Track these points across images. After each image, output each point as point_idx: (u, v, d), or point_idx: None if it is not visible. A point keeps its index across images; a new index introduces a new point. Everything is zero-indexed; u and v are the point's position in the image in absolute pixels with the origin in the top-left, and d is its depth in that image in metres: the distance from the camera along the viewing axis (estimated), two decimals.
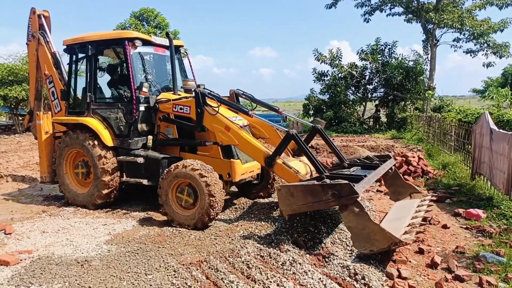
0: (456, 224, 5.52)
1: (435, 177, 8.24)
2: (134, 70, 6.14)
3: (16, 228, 5.43)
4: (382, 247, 3.87)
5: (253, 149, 5.28)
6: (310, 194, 4.21)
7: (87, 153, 6.25)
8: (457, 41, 22.53)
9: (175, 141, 6.17)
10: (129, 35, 6.27)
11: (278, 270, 3.84)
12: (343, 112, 21.83)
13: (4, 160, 11.79)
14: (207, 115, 5.64)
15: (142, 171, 6.02)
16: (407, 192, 5.81)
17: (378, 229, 3.92)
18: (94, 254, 4.44)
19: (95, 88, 6.53)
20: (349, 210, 4.04)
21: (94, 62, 6.48)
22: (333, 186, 4.09)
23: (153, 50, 6.75)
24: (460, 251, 4.46)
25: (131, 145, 6.10)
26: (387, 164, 5.56)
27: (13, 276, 3.90)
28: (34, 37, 7.62)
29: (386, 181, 5.98)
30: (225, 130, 5.48)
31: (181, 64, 7.31)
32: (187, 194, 5.29)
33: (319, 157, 11.66)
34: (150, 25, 25.35)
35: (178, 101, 6.05)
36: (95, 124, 6.24)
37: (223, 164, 5.65)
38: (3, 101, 20.92)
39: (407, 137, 16.73)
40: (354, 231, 4.06)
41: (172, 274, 3.81)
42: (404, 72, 20.96)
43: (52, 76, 7.37)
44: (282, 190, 4.37)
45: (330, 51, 22.50)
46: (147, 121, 6.23)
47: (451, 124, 10.84)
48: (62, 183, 6.68)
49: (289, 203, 4.33)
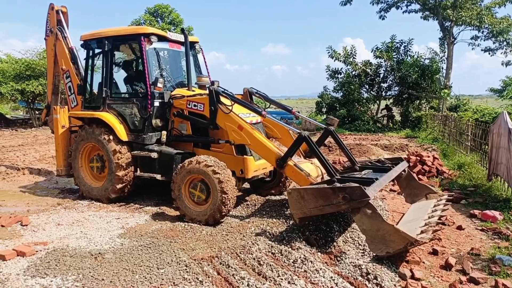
0: (472, 225, 5.42)
1: (450, 177, 8.10)
2: (149, 65, 6.18)
3: (32, 220, 5.54)
4: (398, 248, 3.81)
5: (265, 149, 5.26)
6: (321, 197, 4.19)
7: (102, 147, 6.31)
8: (475, 39, 22.13)
9: (188, 137, 6.20)
10: (145, 30, 6.31)
11: (289, 268, 3.83)
12: (357, 110, 21.63)
13: (21, 153, 12.05)
14: (221, 113, 5.64)
15: (155, 166, 6.05)
16: (423, 193, 5.67)
17: (393, 229, 3.85)
18: (107, 247, 4.50)
19: (111, 83, 6.58)
20: (361, 213, 4.00)
21: (110, 58, 6.53)
22: (344, 189, 4.05)
23: (168, 46, 6.77)
24: (476, 253, 4.37)
25: (145, 140, 6.15)
26: (399, 167, 5.49)
27: (29, 267, 3.98)
28: (52, 32, 7.71)
29: (401, 183, 5.84)
30: (238, 129, 5.47)
31: (196, 60, 7.32)
32: (199, 190, 5.31)
33: (332, 156, 11.59)
34: (165, 22, 25.49)
35: (192, 97, 6.06)
36: (110, 119, 6.29)
37: (236, 160, 5.66)
38: (20, 95, 21.37)
39: (422, 136, 16.49)
40: (368, 234, 4.00)
41: (183, 269, 3.83)
42: (420, 71, 20.64)
43: (69, 71, 7.46)
44: (293, 193, 4.35)
45: (344, 48, 22.30)
46: (161, 116, 6.27)
47: (468, 123, 10.63)
48: (77, 177, 6.78)
49: (300, 207, 4.31)
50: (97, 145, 6.42)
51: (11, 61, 21.51)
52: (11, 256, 4.20)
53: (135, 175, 6.29)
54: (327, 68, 22.94)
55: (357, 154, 11.66)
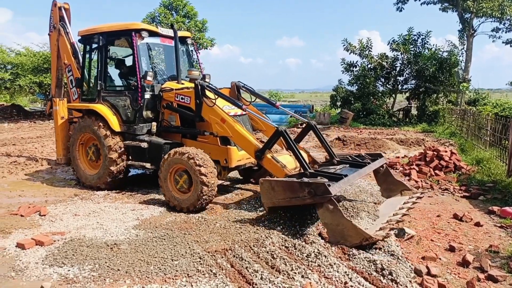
0: (490, 222, 5.30)
1: (468, 173, 7.93)
2: (140, 59, 6.42)
3: (50, 210, 5.66)
4: (354, 242, 4.08)
5: (245, 141, 5.55)
6: (289, 190, 4.48)
7: (97, 137, 6.66)
8: (496, 31, 21.49)
9: (177, 128, 6.51)
10: (136, 26, 6.51)
11: (303, 262, 3.82)
12: (372, 104, 21.32)
13: (39, 144, 12.30)
14: (205, 106, 5.92)
15: (146, 155, 6.38)
16: (398, 189, 5.82)
17: (351, 225, 4.13)
18: (123, 238, 4.56)
19: (106, 77, 6.92)
20: (324, 208, 4.26)
21: (105, 52, 6.84)
22: (309, 185, 4.32)
23: (160, 41, 7.02)
24: (494, 251, 4.28)
25: (136, 131, 6.46)
26: (376, 163, 5.67)
27: (47, 256, 4.07)
28: (55, 28, 8.05)
29: (378, 178, 6.01)
30: (220, 122, 5.76)
31: (189, 54, 7.60)
32: (183, 179, 5.61)
33: (346, 149, 11.49)
34: (179, 14, 25.49)
35: (180, 91, 6.34)
36: (104, 111, 6.60)
37: (220, 150, 5.96)
38: (38, 88, 21.77)
39: (439, 131, 16.17)
40: (329, 227, 4.29)
41: (197, 260, 3.86)
42: (438, 64, 20.17)
43: (71, 65, 7.81)
44: (265, 184, 4.65)
45: (360, 41, 21.92)
46: (152, 108, 6.58)
47: (487, 118, 10.37)
48: (75, 165, 7.17)
49: (270, 197, 4.63)
50: (93, 135, 6.77)
51: (29, 54, 21.89)
52: (30, 245, 4.31)
53: (127, 164, 6.61)
54: (342, 61, 22.63)
55: (372, 148, 11.52)
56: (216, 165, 5.76)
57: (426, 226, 5.05)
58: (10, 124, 19.90)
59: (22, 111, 23.98)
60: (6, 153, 10.41)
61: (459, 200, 6.38)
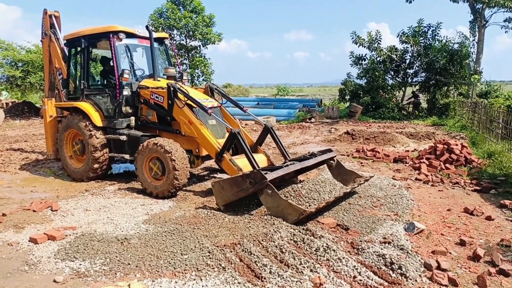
0: (502, 216, 5.23)
1: (479, 166, 7.82)
2: (118, 59, 6.91)
3: (62, 206, 5.75)
4: (294, 219, 4.53)
5: (208, 143, 6.08)
6: (235, 185, 5.03)
7: (81, 133, 7.15)
8: (509, 21, 20.99)
9: (153, 124, 7.00)
10: (113, 28, 6.95)
11: (312, 256, 3.82)
12: (381, 97, 21.09)
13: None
14: (176, 107, 6.39)
15: (125, 147, 6.93)
16: (352, 178, 6.12)
17: (287, 204, 4.62)
18: (133, 232, 4.61)
19: (88, 77, 7.45)
20: (264, 194, 4.80)
21: (87, 54, 7.35)
22: (249, 175, 4.89)
23: (137, 41, 7.43)
24: (506, 245, 4.22)
25: (116, 125, 6.96)
26: (323, 156, 6.06)
27: (59, 250, 4.14)
28: (47, 34, 8.47)
29: (332, 172, 6.33)
30: (188, 123, 6.26)
31: (167, 54, 8.05)
32: (156, 166, 6.13)
33: (355, 144, 11.42)
34: (186, 9, 25.43)
35: (155, 89, 6.78)
36: (87, 107, 7.14)
37: (192, 141, 6.45)
38: None
39: (450, 124, 15.95)
40: (272, 210, 4.77)
41: (207, 255, 3.89)
42: (448, 56, 19.82)
43: (61, 68, 8.23)
44: (216, 185, 5.20)
45: (369, 33, 21.64)
46: (131, 104, 7.04)
47: (499, 110, 10.20)
48: (63, 160, 7.65)
49: (222, 195, 5.16)
50: (78, 131, 7.26)
51: (40, 51, 22.10)
52: (42, 239, 4.39)
53: (109, 156, 7.11)
54: (351, 54, 22.38)
55: (381, 142, 11.42)
56: (190, 155, 6.38)
57: (437, 220, 5.01)
58: (21, 121, 20.21)
59: (33, 108, 24.31)
60: (18, 149, 10.58)
61: (470, 194, 6.31)
